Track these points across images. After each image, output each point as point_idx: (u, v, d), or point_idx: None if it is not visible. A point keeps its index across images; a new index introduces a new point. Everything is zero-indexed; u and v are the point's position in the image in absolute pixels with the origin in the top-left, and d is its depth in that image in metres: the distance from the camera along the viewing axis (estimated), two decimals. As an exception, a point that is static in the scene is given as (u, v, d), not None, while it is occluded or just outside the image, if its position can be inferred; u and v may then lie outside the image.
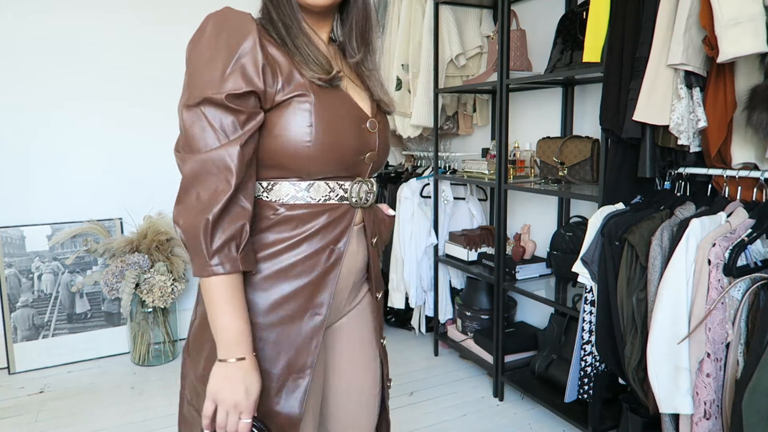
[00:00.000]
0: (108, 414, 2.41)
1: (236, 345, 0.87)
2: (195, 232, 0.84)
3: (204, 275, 0.85)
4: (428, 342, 3.15)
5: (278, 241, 0.93)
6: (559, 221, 2.60)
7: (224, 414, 0.87)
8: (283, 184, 0.94)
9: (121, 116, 3.02)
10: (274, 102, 0.89)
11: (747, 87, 1.48)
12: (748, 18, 1.34)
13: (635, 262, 1.62)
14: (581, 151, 2.19)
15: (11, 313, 2.82)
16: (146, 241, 2.85)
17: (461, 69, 2.93)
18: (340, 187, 0.98)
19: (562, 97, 2.51)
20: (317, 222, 0.95)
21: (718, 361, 1.42)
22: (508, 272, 2.47)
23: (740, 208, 1.54)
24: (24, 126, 2.83)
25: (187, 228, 0.86)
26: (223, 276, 0.85)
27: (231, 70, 0.84)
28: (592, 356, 1.92)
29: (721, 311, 1.40)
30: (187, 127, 0.87)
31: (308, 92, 0.90)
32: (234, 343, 0.86)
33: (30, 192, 2.88)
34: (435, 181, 2.84)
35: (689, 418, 1.46)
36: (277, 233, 0.93)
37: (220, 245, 0.84)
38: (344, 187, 0.98)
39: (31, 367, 2.85)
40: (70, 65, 2.88)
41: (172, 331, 2.99)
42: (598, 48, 1.86)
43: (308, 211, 0.95)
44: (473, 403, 2.47)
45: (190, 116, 0.86)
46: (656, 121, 1.59)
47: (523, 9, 2.71)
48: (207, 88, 0.84)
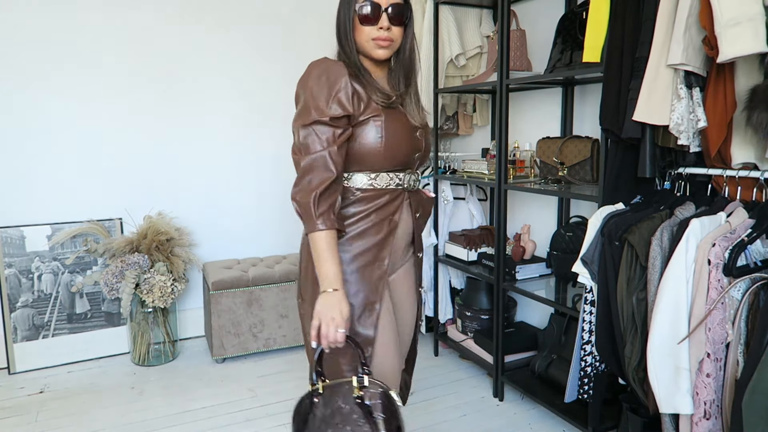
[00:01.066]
0: (108, 414, 2.41)
1: (333, 280, 1.27)
2: (307, 203, 1.27)
3: (313, 231, 1.27)
4: (428, 342, 3.15)
5: (356, 213, 1.38)
6: (559, 221, 2.60)
7: (326, 327, 1.25)
8: (358, 175, 1.38)
9: (121, 116, 3.02)
10: (358, 120, 1.33)
11: (747, 87, 1.48)
12: (748, 18, 1.34)
13: (635, 262, 1.62)
14: (581, 151, 2.19)
15: (11, 313, 2.82)
16: (146, 241, 2.85)
17: (461, 69, 2.93)
18: (396, 177, 1.41)
19: (562, 97, 2.51)
20: (381, 200, 1.40)
21: (718, 361, 1.42)
22: (508, 272, 2.47)
23: (740, 208, 1.54)
24: (24, 126, 2.83)
25: (302, 202, 1.27)
26: (325, 231, 1.27)
27: (332, 100, 1.29)
28: (592, 356, 1.92)
29: (721, 311, 1.40)
30: (303, 138, 1.30)
31: (380, 113, 1.34)
32: (332, 279, 1.27)
33: (30, 192, 2.88)
34: (435, 181, 2.84)
35: (689, 418, 1.46)
36: (354, 208, 1.38)
37: (323, 211, 1.27)
38: (399, 177, 1.42)
39: (31, 367, 2.85)
40: (70, 66, 2.88)
41: (172, 331, 2.99)
42: (598, 48, 1.86)
43: (375, 193, 1.39)
44: (473, 403, 2.47)
45: (305, 131, 1.30)
46: (656, 121, 1.59)
47: (523, 9, 2.71)
48: (317, 114, 1.28)
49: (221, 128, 3.25)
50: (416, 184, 1.48)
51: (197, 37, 3.11)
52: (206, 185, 3.23)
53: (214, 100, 3.19)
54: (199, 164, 3.21)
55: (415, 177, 1.47)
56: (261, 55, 3.27)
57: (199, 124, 3.19)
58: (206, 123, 3.20)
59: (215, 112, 3.20)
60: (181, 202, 3.18)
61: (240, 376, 2.70)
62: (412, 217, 1.47)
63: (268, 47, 3.27)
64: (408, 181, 1.44)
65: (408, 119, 1.41)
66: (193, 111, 3.17)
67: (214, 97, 3.19)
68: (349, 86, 1.30)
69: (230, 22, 3.17)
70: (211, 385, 2.66)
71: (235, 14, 3.18)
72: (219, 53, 3.18)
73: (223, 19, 3.15)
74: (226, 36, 3.17)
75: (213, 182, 3.25)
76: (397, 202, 1.42)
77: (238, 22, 3.20)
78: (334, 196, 1.30)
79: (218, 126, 3.24)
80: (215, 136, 3.22)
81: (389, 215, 1.41)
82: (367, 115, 1.33)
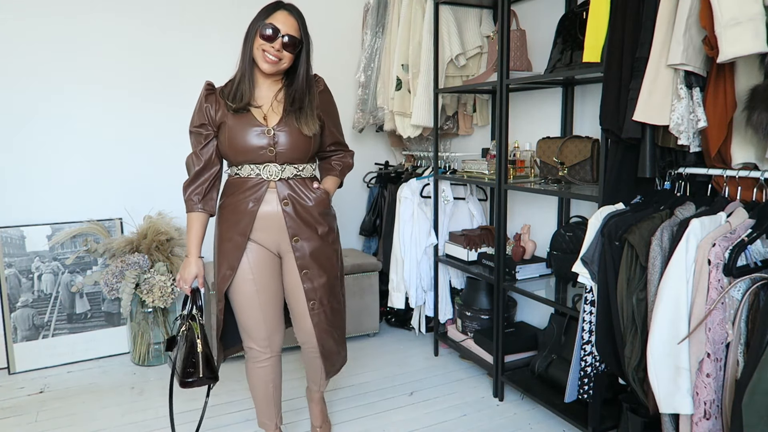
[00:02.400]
0: (108, 414, 2.41)
1: (188, 249, 1.86)
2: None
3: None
4: (428, 342, 3.15)
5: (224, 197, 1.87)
6: (559, 221, 2.60)
7: (177, 279, 1.85)
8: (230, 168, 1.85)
9: (121, 117, 3.02)
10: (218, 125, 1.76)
11: (747, 87, 1.48)
12: (748, 18, 1.34)
13: (635, 262, 1.62)
14: (581, 151, 2.18)
15: (11, 313, 2.82)
16: (146, 241, 2.85)
17: (461, 69, 2.93)
18: (256, 168, 1.76)
19: (562, 97, 2.51)
20: (243, 188, 1.80)
21: (718, 361, 1.42)
22: (508, 272, 2.47)
23: (740, 208, 1.54)
24: (24, 126, 2.83)
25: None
26: (187, 213, 1.87)
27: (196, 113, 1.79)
28: (592, 356, 1.92)
29: (721, 311, 1.40)
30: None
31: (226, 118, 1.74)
32: (187, 248, 1.87)
33: (30, 192, 2.88)
34: (435, 181, 2.84)
35: (689, 418, 1.46)
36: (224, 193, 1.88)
37: (187, 198, 1.84)
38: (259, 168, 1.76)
39: (31, 367, 2.85)
40: (70, 66, 2.88)
41: (172, 331, 2.99)
42: (598, 48, 1.86)
43: (238, 181, 1.80)
44: (473, 403, 2.47)
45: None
46: (656, 121, 1.59)
47: (523, 9, 2.71)
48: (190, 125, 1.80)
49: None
50: (281, 174, 1.75)
51: (197, 37, 3.11)
52: (206, 185, 3.22)
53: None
54: (199, 164, 3.21)
55: (278, 169, 1.74)
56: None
57: (199, 124, 3.19)
58: (206, 123, 3.20)
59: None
60: (181, 202, 3.16)
61: (240, 376, 2.70)
62: (280, 204, 1.75)
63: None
64: (269, 173, 1.74)
65: (257, 120, 1.72)
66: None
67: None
68: (203, 101, 1.74)
69: (229, 23, 3.17)
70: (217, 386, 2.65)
71: (234, 16, 3.17)
72: (219, 53, 3.17)
73: (222, 24, 3.16)
74: (226, 39, 3.17)
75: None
76: (259, 189, 1.74)
77: (238, 23, 3.19)
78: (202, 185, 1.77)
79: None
80: (215, 136, 3.22)
81: (251, 199, 1.74)
82: (220, 120, 1.73)
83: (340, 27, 3.43)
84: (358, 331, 3.19)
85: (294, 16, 1.72)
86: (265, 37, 1.67)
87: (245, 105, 1.71)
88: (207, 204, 1.75)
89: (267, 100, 1.75)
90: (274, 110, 1.75)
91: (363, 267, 3.17)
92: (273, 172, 1.73)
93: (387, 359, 2.95)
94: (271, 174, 1.73)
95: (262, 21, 1.69)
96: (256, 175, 1.73)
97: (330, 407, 2.42)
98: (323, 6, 3.34)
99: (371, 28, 3.26)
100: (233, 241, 1.76)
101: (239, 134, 1.70)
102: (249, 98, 1.72)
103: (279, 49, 1.68)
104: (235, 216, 1.75)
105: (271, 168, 1.73)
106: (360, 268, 3.15)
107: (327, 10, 3.36)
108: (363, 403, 2.48)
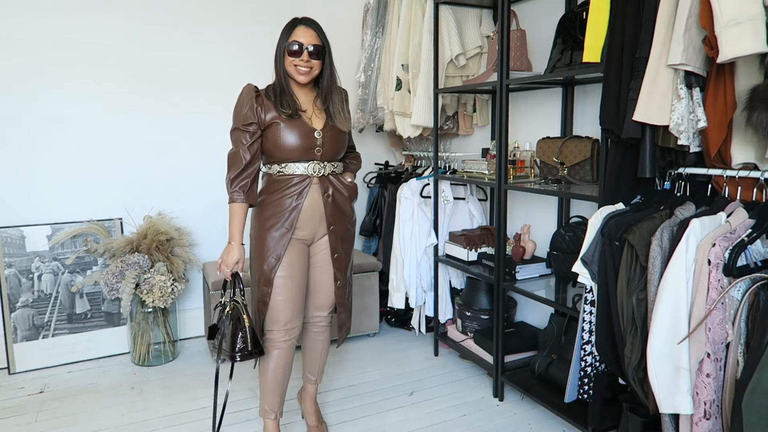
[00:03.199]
0: (108, 414, 2.41)
1: (231, 236, 1.96)
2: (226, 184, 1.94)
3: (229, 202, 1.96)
4: (428, 342, 3.15)
5: (268, 191, 1.99)
6: (559, 221, 2.60)
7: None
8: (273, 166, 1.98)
9: (121, 116, 3.02)
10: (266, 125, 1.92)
11: (747, 87, 1.47)
12: (748, 18, 1.34)
13: (635, 262, 1.62)
14: (581, 151, 2.19)
15: (11, 313, 2.82)
16: (146, 241, 2.85)
17: (461, 69, 2.93)
18: (302, 166, 1.95)
19: (562, 97, 2.51)
20: (289, 183, 1.96)
21: (718, 361, 1.42)
22: (508, 272, 2.47)
23: (740, 208, 1.54)
24: (24, 126, 2.84)
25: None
26: (230, 204, 1.96)
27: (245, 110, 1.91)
28: (592, 356, 1.92)
29: (721, 311, 1.40)
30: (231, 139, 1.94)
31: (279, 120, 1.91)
32: (230, 235, 1.97)
33: (30, 192, 2.88)
34: (435, 181, 2.84)
35: (689, 418, 1.46)
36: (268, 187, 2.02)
37: (233, 190, 1.91)
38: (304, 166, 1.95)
39: (31, 367, 2.85)
40: (70, 66, 2.88)
41: (172, 331, 2.99)
42: (598, 48, 1.86)
43: (283, 177, 1.96)
44: (473, 403, 2.47)
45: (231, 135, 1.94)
46: (656, 121, 1.59)
47: (523, 9, 2.71)
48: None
49: (221, 128, 3.24)
50: (323, 171, 1.96)
51: (197, 37, 3.11)
52: (206, 185, 3.22)
53: (215, 100, 3.19)
54: (199, 164, 3.21)
55: (320, 166, 1.95)
56: (260, 56, 3.27)
57: (200, 124, 3.19)
58: (206, 123, 3.20)
59: (215, 112, 3.20)
60: (181, 202, 3.18)
61: (240, 376, 2.70)
62: (322, 197, 1.97)
63: (267, 49, 3.26)
64: (313, 170, 1.94)
65: (308, 124, 1.92)
66: (194, 111, 3.17)
67: (214, 98, 3.19)
68: (253, 101, 1.88)
69: (229, 24, 3.17)
70: (211, 385, 2.65)
71: (234, 17, 3.18)
72: (219, 54, 3.18)
73: (222, 21, 3.16)
74: (226, 37, 3.17)
75: (213, 182, 3.24)
76: (303, 185, 1.93)
77: (237, 24, 3.20)
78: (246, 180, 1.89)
79: (218, 126, 3.23)
80: (215, 135, 3.22)
81: (295, 194, 1.93)
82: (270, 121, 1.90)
83: (340, 27, 3.42)
84: (358, 331, 3.19)
85: (312, 27, 1.91)
86: (292, 53, 1.88)
87: (296, 110, 1.91)
88: (250, 196, 1.90)
89: (309, 106, 1.97)
90: (317, 115, 1.97)
91: (363, 267, 3.17)
92: (316, 169, 1.94)
93: (387, 359, 2.95)
94: (315, 171, 1.94)
95: (286, 40, 1.89)
96: (302, 172, 1.93)
97: (330, 407, 2.43)
98: (323, 6, 3.34)
99: (371, 28, 3.27)
100: (279, 233, 1.93)
101: (291, 135, 1.89)
102: (297, 106, 1.92)
103: (307, 60, 1.89)
104: (281, 210, 1.92)
105: (314, 166, 1.94)
106: (360, 268, 3.15)
107: (327, 11, 3.36)
108: (363, 403, 2.48)
